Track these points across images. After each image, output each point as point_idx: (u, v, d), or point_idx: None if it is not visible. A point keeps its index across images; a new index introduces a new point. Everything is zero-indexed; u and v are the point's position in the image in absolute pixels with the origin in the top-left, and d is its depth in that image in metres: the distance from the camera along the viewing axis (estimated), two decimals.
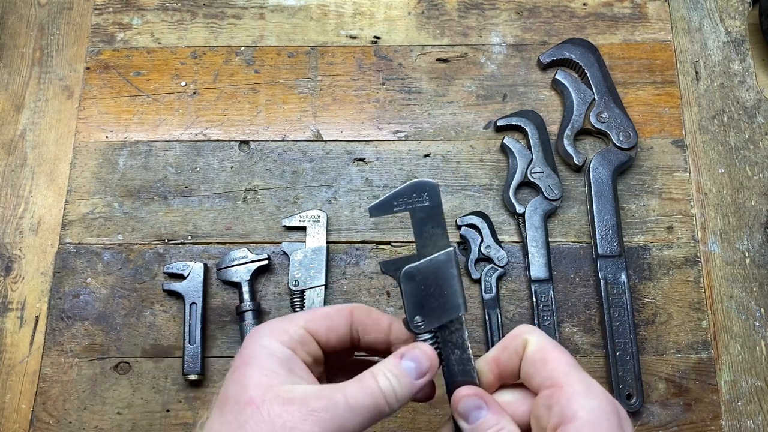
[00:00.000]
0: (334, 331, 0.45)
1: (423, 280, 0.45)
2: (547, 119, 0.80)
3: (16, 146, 0.80)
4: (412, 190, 0.45)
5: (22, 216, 0.77)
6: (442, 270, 0.45)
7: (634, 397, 0.69)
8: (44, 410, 0.71)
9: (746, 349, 0.72)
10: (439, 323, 0.45)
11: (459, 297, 0.45)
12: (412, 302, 0.45)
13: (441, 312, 0.45)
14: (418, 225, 0.45)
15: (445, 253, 0.45)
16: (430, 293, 0.45)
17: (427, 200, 0.45)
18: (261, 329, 0.43)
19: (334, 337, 0.45)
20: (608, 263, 0.73)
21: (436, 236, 0.45)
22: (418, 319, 0.45)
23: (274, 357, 0.41)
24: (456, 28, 0.85)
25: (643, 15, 0.85)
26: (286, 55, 0.84)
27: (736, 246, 0.76)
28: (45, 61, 0.84)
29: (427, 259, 0.45)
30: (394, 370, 0.42)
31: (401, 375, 0.42)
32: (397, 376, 0.42)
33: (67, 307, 0.74)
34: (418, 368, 0.43)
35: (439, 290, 0.45)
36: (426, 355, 0.44)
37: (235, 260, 0.73)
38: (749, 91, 0.82)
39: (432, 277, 0.45)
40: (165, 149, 0.80)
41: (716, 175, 0.78)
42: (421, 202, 0.45)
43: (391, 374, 0.42)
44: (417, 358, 0.43)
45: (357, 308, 0.47)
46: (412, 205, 0.45)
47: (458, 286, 0.45)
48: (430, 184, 0.45)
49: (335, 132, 0.80)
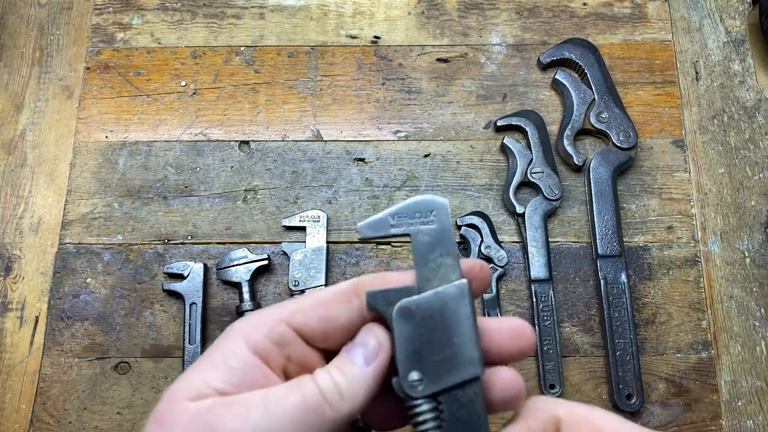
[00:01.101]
0: (333, 323, 0.35)
1: (424, 322, 0.34)
2: (547, 119, 0.80)
3: (16, 146, 0.80)
4: (415, 208, 0.36)
5: (22, 216, 0.77)
6: (452, 309, 0.34)
7: (634, 397, 0.69)
8: (44, 410, 0.71)
9: (746, 349, 0.72)
10: (443, 385, 0.33)
11: (474, 349, 0.33)
12: (408, 352, 0.33)
13: (448, 369, 0.33)
14: (421, 251, 0.35)
15: (456, 286, 0.34)
16: (434, 341, 0.33)
17: (434, 222, 0.35)
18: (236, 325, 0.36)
19: (333, 330, 0.35)
20: (608, 263, 0.73)
21: (445, 267, 0.35)
22: (414, 378, 0.33)
23: (225, 365, 0.33)
24: (456, 28, 0.85)
25: (643, 15, 0.85)
26: (286, 55, 0.84)
27: (736, 246, 0.76)
28: (45, 61, 0.84)
29: (432, 293, 0.34)
30: (336, 362, 0.34)
31: (345, 365, 0.34)
32: (340, 367, 0.33)
33: (67, 307, 0.74)
34: (365, 352, 0.34)
35: (445, 337, 0.33)
36: (371, 331, 0.35)
37: (235, 260, 0.73)
38: (749, 91, 0.82)
39: (437, 317, 0.34)
40: (165, 149, 0.80)
41: (716, 175, 0.78)
42: (427, 224, 0.35)
43: (333, 367, 0.34)
44: (362, 340, 0.34)
45: (363, 283, 0.36)
46: (414, 226, 0.35)
47: (473, 333, 0.33)
48: (439, 203, 0.36)
49: (335, 132, 0.80)
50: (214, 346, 0.35)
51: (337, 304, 0.35)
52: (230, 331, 0.35)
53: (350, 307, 0.35)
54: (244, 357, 0.34)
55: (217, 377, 0.33)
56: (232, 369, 0.33)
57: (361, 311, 0.35)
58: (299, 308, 0.35)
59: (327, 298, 0.35)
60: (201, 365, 0.34)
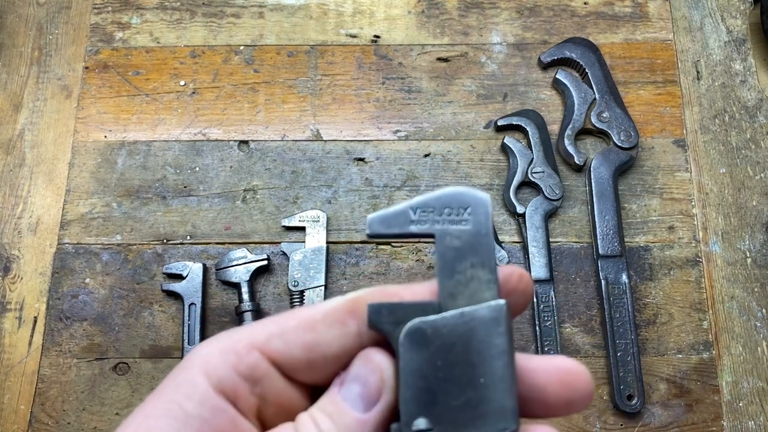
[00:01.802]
0: (321, 351, 0.27)
1: (443, 352, 0.26)
2: (547, 119, 0.80)
3: (15, 146, 0.80)
4: (445, 201, 0.27)
5: (20, 216, 0.77)
6: (482, 338, 0.26)
7: (635, 398, 0.69)
8: (43, 411, 0.70)
9: (747, 349, 0.72)
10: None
11: (508, 395, 0.25)
12: (416, 390, 0.25)
13: (470, 419, 0.25)
14: (447, 258, 0.27)
15: (491, 308, 0.26)
16: (453, 379, 0.25)
17: (469, 222, 0.27)
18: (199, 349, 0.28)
19: (321, 361, 0.27)
20: (609, 263, 0.73)
21: (477, 282, 0.27)
22: (421, 427, 0.25)
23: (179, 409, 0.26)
24: (456, 27, 0.84)
25: (644, 14, 0.85)
26: (286, 55, 0.83)
27: (738, 246, 0.75)
28: (43, 60, 0.83)
29: (457, 313, 0.26)
30: (325, 405, 0.26)
31: (337, 412, 0.26)
32: (332, 415, 0.26)
33: (66, 307, 0.73)
34: (364, 392, 0.26)
35: (470, 375, 0.25)
36: (371, 362, 0.26)
37: (235, 260, 0.73)
38: (750, 91, 0.81)
39: (461, 348, 0.26)
40: (164, 149, 0.79)
41: (717, 174, 0.78)
42: (458, 223, 0.27)
43: (321, 412, 0.26)
44: (359, 374, 0.26)
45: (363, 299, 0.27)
46: (441, 225, 0.27)
47: (509, 373, 0.25)
48: (477, 198, 0.28)
49: (335, 131, 0.80)
50: (169, 376, 0.27)
51: (328, 326, 0.27)
52: (190, 359, 0.27)
53: (345, 331, 0.27)
54: (203, 398, 0.26)
55: (169, 428, 0.25)
56: (189, 416, 0.25)
57: (359, 337, 0.27)
58: (278, 331, 0.27)
59: (315, 319, 0.27)
60: (151, 408, 0.26)
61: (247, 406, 0.26)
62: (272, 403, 0.27)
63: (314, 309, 0.28)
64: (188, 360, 0.27)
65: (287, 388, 0.27)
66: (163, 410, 0.26)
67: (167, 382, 0.27)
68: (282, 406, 0.27)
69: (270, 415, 0.27)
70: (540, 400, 0.27)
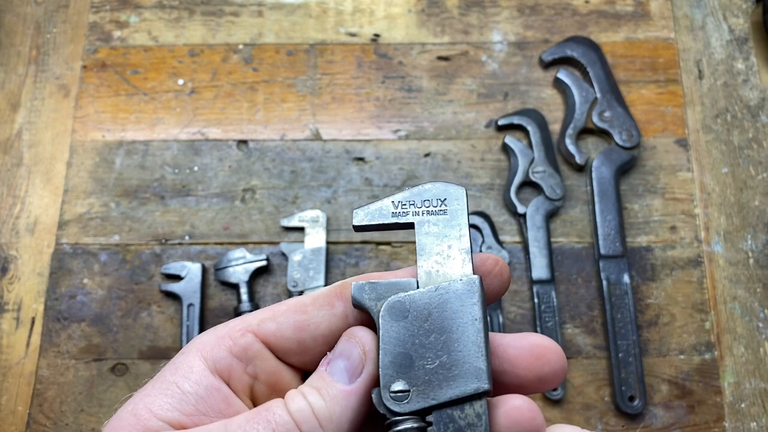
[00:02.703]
0: (311, 331, 0.29)
1: (420, 322, 0.28)
2: (548, 118, 0.79)
3: (12, 145, 0.79)
4: (424, 195, 0.30)
5: (18, 216, 0.77)
6: (456, 308, 0.28)
7: (637, 399, 0.68)
8: (41, 412, 0.70)
9: (750, 350, 0.71)
10: (436, 401, 0.27)
11: (480, 358, 0.27)
12: (394, 355, 0.27)
13: (444, 380, 0.27)
14: (425, 242, 0.29)
15: (464, 282, 0.28)
16: (429, 344, 0.27)
17: (446, 212, 0.30)
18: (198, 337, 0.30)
19: (311, 341, 0.29)
20: (611, 264, 0.73)
21: (453, 261, 0.29)
22: (398, 388, 0.26)
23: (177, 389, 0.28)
24: (457, 25, 0.84)
25: (645, 13, 0.84)
26: (285, 53, 0.83)
27: (740, 246, 0.75)
28: (41, 59, 0.83)
29: (432, 288, 0.28)
30: (313, 380, 0.28)
31: (324, 385, 0.27)
32: (317, 387, 0.27)
33: (64, 308, 0.73)
34: (348, 365, 0.28)
35: (444, 341, 0.27)
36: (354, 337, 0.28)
37: (233, 261, 0.72)
38: (753, 90, 0.81)
39: (437, 317, 0.28)
40: (162, 148, 0.79)
41: (719, 174, 0.78)
42: (436, 213, 0.30)
43: (309, 387, 0.27)
44: (344, 350, 0.28)
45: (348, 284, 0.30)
46: (420, 216, 0.30)
47: (481, 339, 0.27)
48: (453, 191, 0.30)
49: (334, 131, 0.80)
50: (170, 363, 0.29)
51: (317, 309, 0.29)
52: (189, 345, 0.29)
53: (332, 312, 0.29)
54: (200, 378, 0.28)
55: (168, 405, 0.27)
56: (186, 394, 0.27)
57: (345, 318, 0.29)
58: (271, 315, 0.29)
59: (305, 303, 0.30)
60: (150, 388, 0.28)
61: (240, 385, 0.29)
62: (264, 382, 0.29)
63: (304, 296, 0.30)
64: (186, 346, 0.29)
65: (279, 368, 0.29)
66: (161, 389, 0.28)
67: (166, 367, 0.29)
68: (274, 386, 0.29)
69: (261, 394, 0.29)
70: (512, 374, 0.28)
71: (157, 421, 0.27)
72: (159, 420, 0.27)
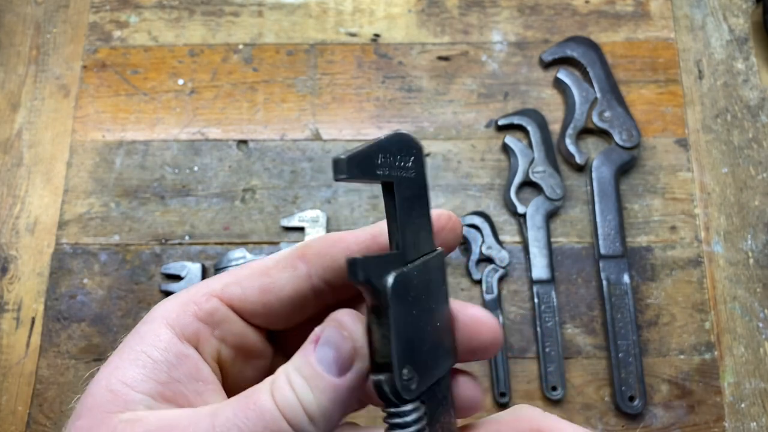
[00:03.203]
0: (276, 293, 0.29)
1: (416, 301, 0.26)
2: (548, 118, 0.79)
3: (12, 145, 0.79)
4: (398, 144, 0.27)
5: (18, 216, 0.77)
6: (435, 286, 0.27)
7: (637, 399, 0.68)
8: (41, 412, 0.70)
9: (750, 350, 0.71)
10: (431, 381, 0.26)
11: (451, 335, 0.28)
12: (405, 342, 0.25)
13: (434, 360, 0.27)
14: (405, 207, 0.27)
15: (436, 257, 0.28)
16: (422, 325, 0.26)
17: (413, 170, 0.28)
18: (158, 306, 0.29)
19: (277, 303, 0.29)
20: (611, 264, 0.73)
21: (424, 231, 0.28)
22: (406, 375, 0.25)
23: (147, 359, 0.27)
24: (457, 25, 0.84)
25: (645, 13, 0.84)
26: (285, 53, 0.83)
27: (740, 246, 0.75)
28: (41, 59, 0.83)
29: (420, 263, 0.27)
30: (303, 369, 0.26)
31: (312, 375, 0.26)
32: (307, 378, 0.26)
33: (64, 308, 0.73)
34: (338, 357, 0.26)
35: (431, 320, 0.27)
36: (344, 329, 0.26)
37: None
38: (753, 90, 0.81)
39: (425, 296, 0.27)
40: (162, 148, 0.79)
41: (719, 174, 0.78)
42: (407, 171, 0.27)
43: (298, 376, 0.26)
44: (333, 339, 0.26)
45: (310, 246, 0.29)
46: (398, 172, 0.27)
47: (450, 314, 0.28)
48: (417, 145, 0.28)
49: (334, 131, 0.80)
50: (133, 331, 0.29)
51: (280, 271, 0.29)
52: (152, 313, 0.29)
53: (296, 273, 0.29)
54: (168, 345, 0.27)
55: (141, 376, 0.27)
56: (157, 362, 0.27)
57: (309, 278, 0.29)
58: (234, 279, 0.29)
59: (268, 265, 0.29)
60: (117, 359, 0.27)
61: (208, 350, 0.29)
62: (232, 345, 0.29)
63: (266, 259, 0.30)
64: (149, 315, 0.29)
65: (246, 330, 0.29)
66: (131, 360, 0.27)
67: (130, 338, 0.28)
68: (240, 347, 0.29)
69: (227, 358, 0.29)
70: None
71: (135, 393, 0.26)
72: (136, 392, 0.26)
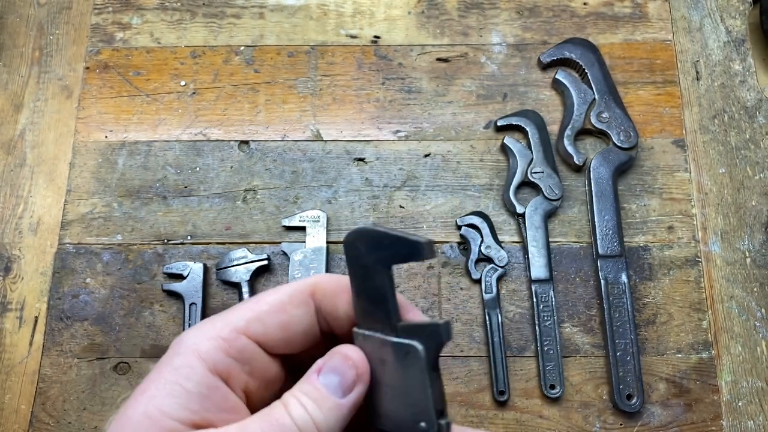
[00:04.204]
0: (293, 329, 0.33)
1: None
2: (547, 119, 0.80)
3: (15, 146, 0.80)
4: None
5: (21, 216, 0.77)
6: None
7: (635, 398, 0.69)
8: (43, 410, 0.70)
9: (747, 349, 0.72)
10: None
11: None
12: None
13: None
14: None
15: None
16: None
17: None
18: (185, 339, 0.32)
19: (294, 337, 0.33)
20: (609, 263, 0.73)
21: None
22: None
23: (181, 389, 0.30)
24: (456, 27, 0.85)
25: (643, 14, 0.85)
26: (286, 55, 0.83)
27: (737, 246, 0.76)
28: (44, 60, 0.84)
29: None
30: (311, 393, 0.31)
31: (320, 398, 0.31)
32: (316, 400, 0.31)
33: (67, 307, 0.74)
34: (343, 382, 0.31)
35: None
36: (350, 360, 0.32)
37: (235, 260, 0.73)
38: (750, 91, 0.81)
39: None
40: (164, 149, 0.80)
41: (717, 175, 0.78)
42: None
43: (307, 398, 0.31)
44: (338, 368, 0.32)
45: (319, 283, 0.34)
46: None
47: None
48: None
49: (335, 132, 0.80)
50: (163, 363, 0.31)
51: (295, 307, 0.33)
52: (181, 345, 0.32)
53: (308, 309, 0.34)
54: (201, 378, 0.30)
55: (176, 405, 0.29)
56: (190, 394, 0.30)
57: (315, 314, 0.34)
58: (255, 316, 0.32)
59: (284, 302, 0.33)
60: (153, 389, 0.30)
61: (238, 384, 0.32)
62: (257, 378, 0.33)
63: (279, 292, 0.34)
64: (178, 347, 0.32)
65: (269, 362, 0.33)
66: (167, 391, 0.30)
67: (162, 368, 0.31)
68: (264, 379, 0.33)
69: (253, 389, 0.33)
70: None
71: (171, 421, 0.29)
72: (171, 420, 0.29)
